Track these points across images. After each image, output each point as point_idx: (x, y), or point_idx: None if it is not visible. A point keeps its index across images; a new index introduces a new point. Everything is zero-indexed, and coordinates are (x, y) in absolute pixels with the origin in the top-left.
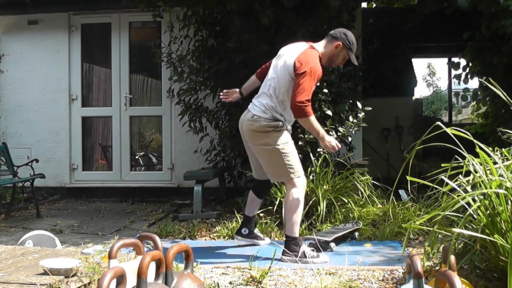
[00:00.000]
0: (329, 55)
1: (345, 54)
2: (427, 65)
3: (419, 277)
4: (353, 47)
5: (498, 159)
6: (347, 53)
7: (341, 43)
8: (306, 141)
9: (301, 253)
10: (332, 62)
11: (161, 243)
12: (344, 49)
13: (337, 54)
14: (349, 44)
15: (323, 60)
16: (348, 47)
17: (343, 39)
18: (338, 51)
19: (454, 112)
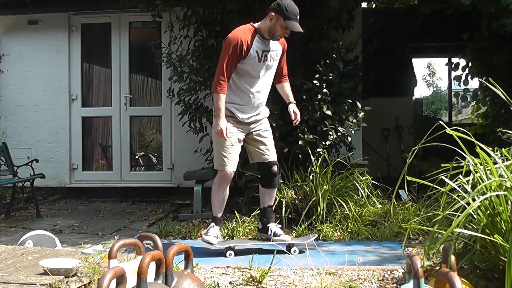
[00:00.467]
0: (267, 28)
1: (281, 23)
2: (427, 65)
3: (419, 277)
4: (287, 13)
5: (498, 159)
6: (283, 22)
7: (273, 13)
8: (306, 141)
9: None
10: (273, 35)
11: (161, 243)
12: (278, 18)
13: (274, 26)
14: (281, 11)
15: (266, 35)
16: (280, 13)
17: (274, 9)
18: (274, 22)
19: (454, 112)
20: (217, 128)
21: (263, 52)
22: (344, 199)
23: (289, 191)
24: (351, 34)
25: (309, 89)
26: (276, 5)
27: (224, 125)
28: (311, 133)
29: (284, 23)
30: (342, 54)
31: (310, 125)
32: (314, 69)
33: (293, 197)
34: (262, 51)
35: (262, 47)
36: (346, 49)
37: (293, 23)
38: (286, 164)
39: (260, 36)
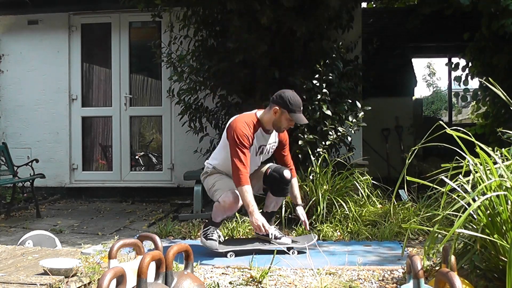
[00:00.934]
0: (272, 121)
1: (286, 116)
2: (427, 65)
3: (419, 277)
4: (292, 106)
5: (498, 159)
6: (288, 115)
7: (277, 107)
8: (306, 141)
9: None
10: (278, 128)
11: (161, 243)
12: (283, 112)
13: (279, 119)
14: (284, 104)
15: (268, 126)
16: (285, 108)
17: (277, 102)
18: (278, 115)
19: (454, 112)
20: (257, 224)
21: (260, 147)
22: (344, 199)
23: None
24: (351, 34)
25: (309, 89)
26: (279, 98)
27: (261, 220)
28: (311, 133)
29: (289, 116)
30: (342, 54)
31: (310, 125)
32: (314, 69)
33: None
34: (260, 145)
35: (261, 142)
36: (346, 49)
37: (298, 116)
38: None
39: (262, 130)
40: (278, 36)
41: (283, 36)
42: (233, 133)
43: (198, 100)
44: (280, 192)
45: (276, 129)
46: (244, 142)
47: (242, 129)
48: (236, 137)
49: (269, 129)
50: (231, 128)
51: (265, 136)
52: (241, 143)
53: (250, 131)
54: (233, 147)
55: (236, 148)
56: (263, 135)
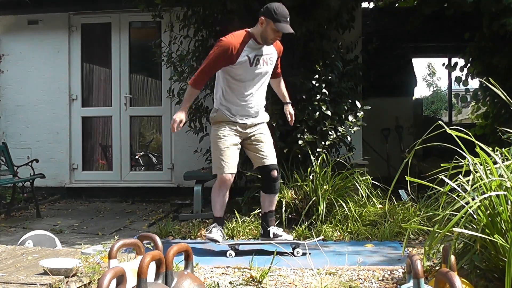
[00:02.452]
0: (260, 33)
1: (271, 26)
2: (427, 65)
3: (419, 277)
4: (276, 15)
5: (498, 159)
6: (273, 25)
7: (263, 17)
8: (306, 141)
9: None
10: (266, 40)
11: (161, 243)
12: (268, 22)
13: (265, 30)
14: (269, 14)
15: (259, 40)
16: (269, 17)
17: (263, 13)
18: (264, 26)
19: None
20: (174, 117)
21: (255, 57)
22: (344, 199)
23: (289, 191)
24: (351, 34)
25: (308, 89)
26: (265, 8)
27: (179, 118)
28: (310, 133)
29: (274, 26)
30: (342, 54)
31: (309, 125)
32: (314, 69)
33: (293, 197)
34: (254, 56)
35: (255, 52)
36: (346, 49)
37: (283, 25)
38: (286, 164)
39: (254, 41)
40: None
41: (283, 36)
42: (218, 43)
43: (198, 100)
44: (269, 189)
45: (264, 41)
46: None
47: (227, 38)
48: (219, 45)
49: (260, 41)
50: (218, 40)
51: (259, 46)
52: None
53: (239, 41)
54: (212, 52)
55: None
56: (256, 46)
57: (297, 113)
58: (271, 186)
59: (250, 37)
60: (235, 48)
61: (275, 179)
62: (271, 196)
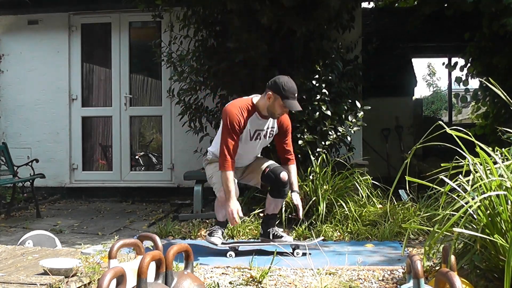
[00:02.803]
0: (266, 107)
1: (279, 102)
2: (427, 65)
3: (419, 277)
4: (285, 92)
5: (498, 159)
6: (281, 101)
7: (271, 92)
8: (306, 141)
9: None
10: (272, 114)
11: (161, 243)
12: (276, 97)
13: (272, 105)
14: (278, 90)
15: (264, 112)
16: (278, 93)
17: (271, 87)
18: (272, 101)
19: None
20: (228, 210)
21: (256, 131)
22: (344, 199)
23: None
24: (351, 34)
25: (308, 89)
26: (273, 83)
27: (236, 207)
28: (310, 133)
29: (282, 102)
30: (342, 54)
31: (309, 125)
32: (314, 69)
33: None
34: (255, 130)
35: (257, 126)
36: (346, 49)
37: (292, 102)
38: None
39: (258, 115)
40: (278, 36)
41: (283, 36)
42: (226, 117)
43: (198, 100)
44: (278, 194)
45: (270, 115)
46: (235, 127)
47: (235, 113)
48: (228, 122)
49: (265, 114)
50: (225, 112)
51: (262, 121)
52: (232, 128)
53: (244, 115)
54: (224, 132)
55: (226, 133)
56: (259, 120)
57: (297, 113)
58: (280, 191)
59: (254, 111)
60: (242, 122)
61: (284, 183)
62: (278, 201)
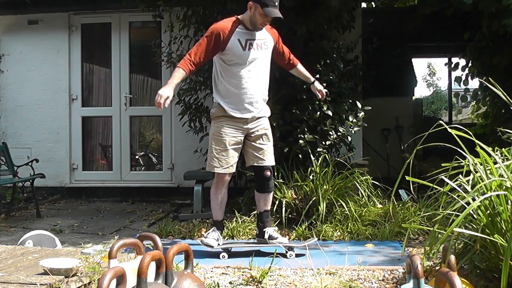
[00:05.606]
0: (249, 19)
1: (259, 11)
2: (427, 65)
3: (419, 277)
4: (265, 0)
5: (498, 159)
6: (261, 9)
7: (251, 2)
8: (306, 141)
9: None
10: (254, 25)
11: (161, 243)
12: (256, 6)
13: (254, 15)
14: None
15: (248, 25)
16: (257, 2)
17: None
18: (253, 11)
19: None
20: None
21: (247, 41)
22: (344, 199)
23: (289, 191)
24: (351, 34)
25: (309, 89)
26: None
27: (167, 93)
28: (311, 133)
29: (262, 11)
30: (342, 54)
31: (310, 125)
32: (314, 69)
33: (293, 197)
34: (245, 40)
35: (246, 36)
36: (346, 49)
37: (271, 10)
38: (286, 164)
39: (243, 27)
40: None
41: (283, 36)
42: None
43: (198, 100)
44: (262, 188)
45: (253, 26)
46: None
47: (215, 24)
48: (208, 30)
49: (250, 27)
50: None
51: (249, 32)
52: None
53: (227, 26)
54: (201, 39)
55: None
56: (245, 31)
57: (297, 113)
58: (265, 185)
59: (239, 23)
60: (224, 33)
61: (268, 178)
62: (265, 195)
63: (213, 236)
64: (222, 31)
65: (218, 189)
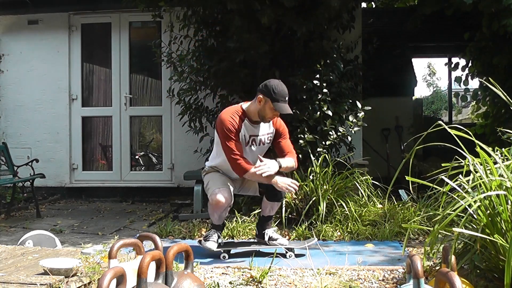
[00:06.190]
0: (257, 111)
1: (269, 105)
2: (427, 65)
3: (419, 277)
4: (275, 95)
5: (498, 159)
6: (272, 104)
7: (261, 95)
8: (306, 141)
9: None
10: (263, 118)
11: (161, 243)
12: (267, 100)
13: (263, 108)
14: (268, 93)
15: (255, 118)
16: (268, 96)
17: (261, 91)
18: (262, 104)
19: (454, 112)
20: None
21: (250, 137)
22: (344, 199)
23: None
24: (351, 34)
25: (309, 89)
26: (264, 86)
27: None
28: (311, 133)
29: (273, 106)
30: (342, 54)
31: (310, 125)
32: (314, 69)
33: (293, 197)
34: (249, 136)
35: (250, 132)
36: (346, 49)
37: (282, 105)
38: None
39: (249, 120)
40: (279, 36)
41: (284, 36)
42: (221, 124)
43: (198, 100)
44: (273, 198)
45: (261, 118)
46: (231, 130)
47: (228, 118)
48: (224, 127)
49: (255, 120)
50: (219, 120)
51: (254, 126)
52: (229, 131)
53: (236, 119)
54: (223, 141)
55: (225, 141)
56: (251, 126)
57: (297, 113)
58: (276, 194)
59: (245, 116)
60: (236, 124)
61: None
62: (274, 204)
63: (212, 238)
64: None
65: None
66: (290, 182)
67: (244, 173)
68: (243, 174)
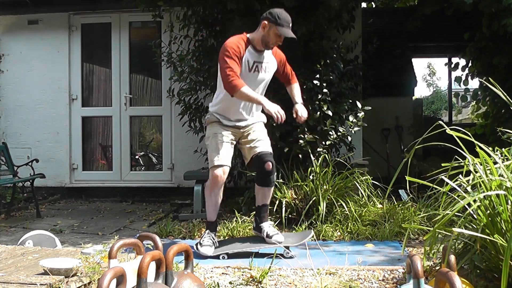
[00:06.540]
0: (261, 37)
1: (274, 30)
2: (427, 65)
3: (419, 277)
4: (279, 20)
5: (498, 159)
6: (276, 29)
7: (266, 21)
8: (306, 141)
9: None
10: (267, 44)
11: (161, 243)
12: (271, 26)
13: (267, 34)
14: (273, 18)
15: (259, 46)
16: (272, 21)
17: (266, 17)
18: (267, 30)
19: (454, 112)
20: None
21: (254, 63)
22: (344, 199)
23: (289, 191)
24: (351, 34)
25: (309, 89)
26: (268, 13)
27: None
28: (311, 133)
29: (277, 30)
30: (342, 54)
31: (310, 125)
32: (314, 69)
33: (293, 197)
34: (253, 62)
35: (254, 58)
36: (346, 49)
37: (286, 30)
38: (286, 164)
39: (253, 47)
40: None
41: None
42: (224, 47)
43: (198, 100)
44: (263, 182)
45: (265, 45)
46: (234, 51)
47: (232, 42)
48: (227, 48)
49: (259, 48)
50: (222, 48)
51: (258, 54)
52: (230, 52)
53: (241, 44)
54: (222, 59)
55: (224, 58)
56: (255, 52)
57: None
58: (266, 179)
59: (249, 43)
60: (240, 51)
61: (269, 172)
62: (265, 189)
63: (208, 243)
64: (239, 46)
65: (213, 190)
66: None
67: (235, 91)
68: (233, 92)
